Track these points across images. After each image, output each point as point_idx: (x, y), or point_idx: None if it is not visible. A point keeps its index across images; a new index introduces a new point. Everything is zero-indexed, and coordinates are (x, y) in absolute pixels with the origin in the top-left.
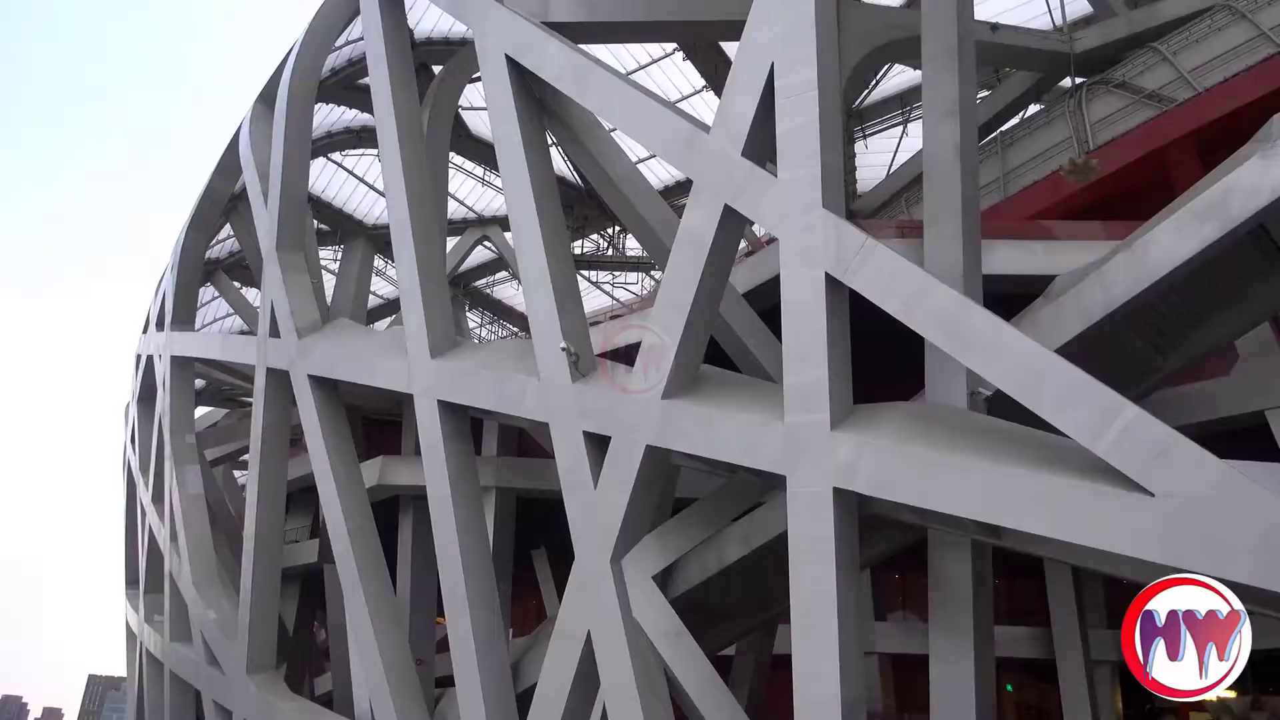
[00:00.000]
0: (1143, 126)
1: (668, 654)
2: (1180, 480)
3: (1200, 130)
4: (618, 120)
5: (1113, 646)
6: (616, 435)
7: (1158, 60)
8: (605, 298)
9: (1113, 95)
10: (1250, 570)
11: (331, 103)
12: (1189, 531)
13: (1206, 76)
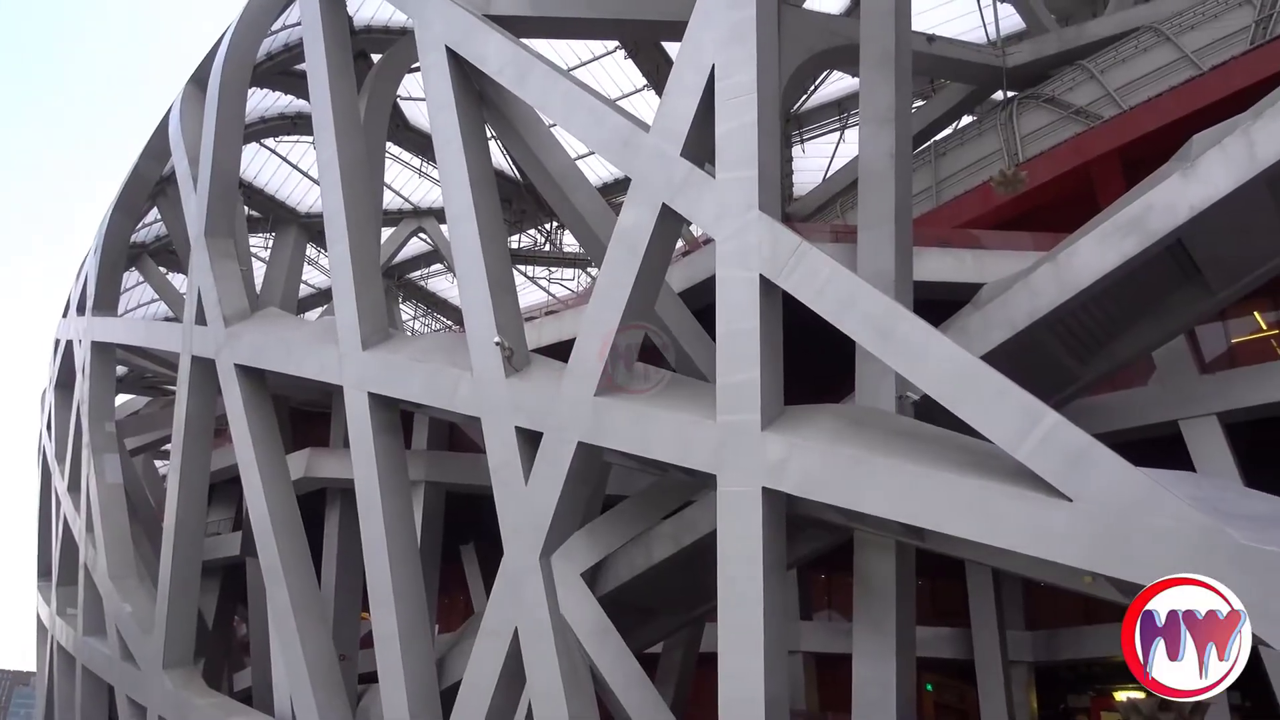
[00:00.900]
0: (1070, 141)
1: (594, 651)
2: (1097, 486)
3: (1124, 147)
4: (557, 116)
5: (1029, 647)
6: (549, 431)
7: (1086, 78)
8: (541, 293)
9: (1042, 110)
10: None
11: (266, 88)
12: (1104, 536)
13: (1132, 95)
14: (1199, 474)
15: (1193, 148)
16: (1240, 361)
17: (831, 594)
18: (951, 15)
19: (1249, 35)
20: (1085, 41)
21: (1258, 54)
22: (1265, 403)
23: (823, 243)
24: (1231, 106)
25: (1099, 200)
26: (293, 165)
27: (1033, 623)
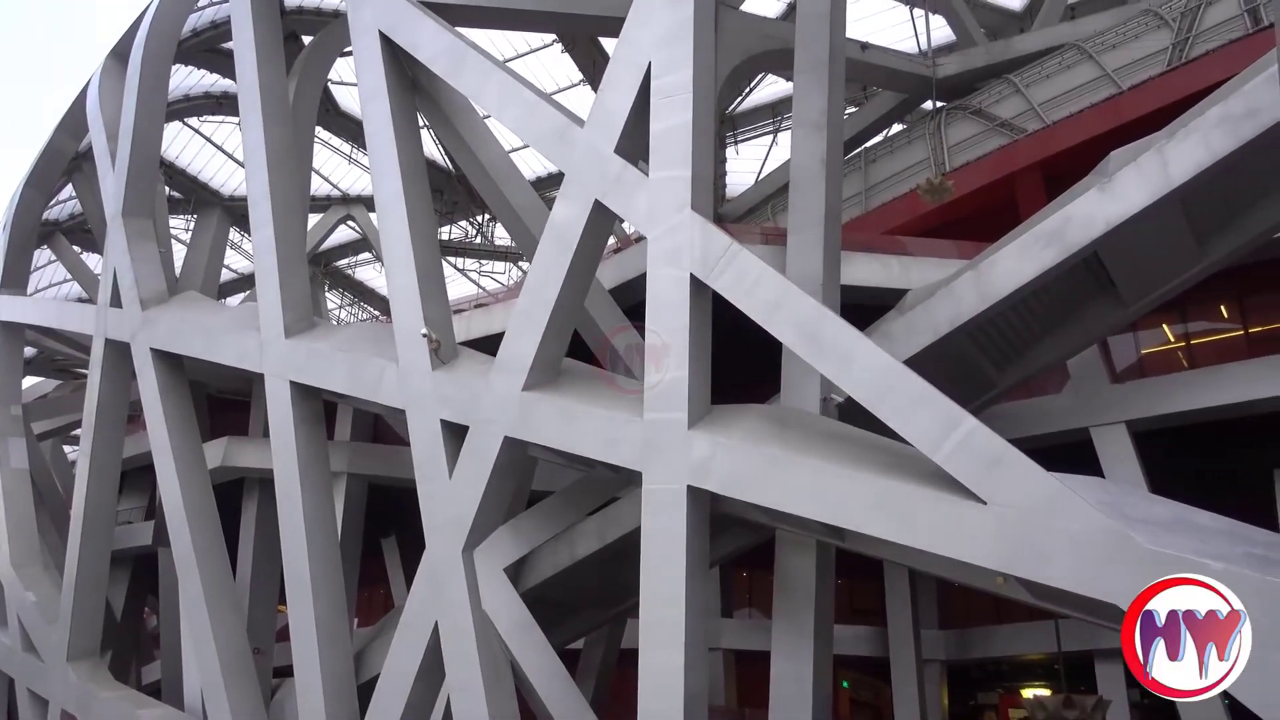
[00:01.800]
0: (995, 153)
1: (516, 647)
2: (1011, 490)
3: (1046, 160)
4: (491, 107)
5: (942, 646)
6: (475, 425)
7: (1011, 91)
8: (471, 286)
9: (969, 121)
10: (1069, 576)
11: (191, 65)
12: (1016, 538)
13: (1055, 110)
14: (1107, 480)
15: (1110, 164)
16: (1149, 372)
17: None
18: (885, 25)
19: (1166, 57)
20: (1012, 56)
21: (1174, 75)
22: (1170, 412)
23: (753, 244)
24: (1148, 125)
25: (1021, 211)
26: (217, 146)
27: (946, 622)
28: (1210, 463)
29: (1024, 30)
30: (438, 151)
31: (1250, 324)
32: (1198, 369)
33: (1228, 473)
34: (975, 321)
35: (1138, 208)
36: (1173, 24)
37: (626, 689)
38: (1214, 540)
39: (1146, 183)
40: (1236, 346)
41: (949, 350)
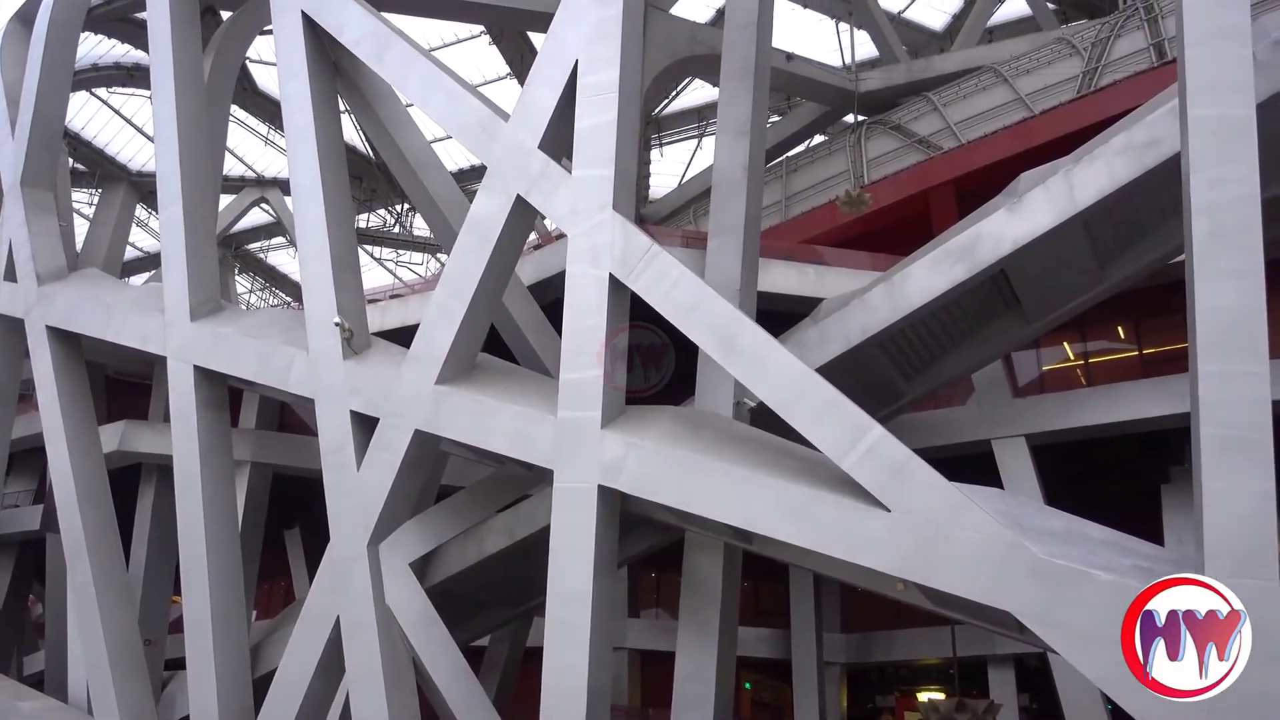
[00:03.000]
0: (911, 168)
1: (418, 643)
2: (914, 498)
3: (960, 178)
4: (415, 96)
5: (844, 649)
6: (385, 417)
7: (930, 109)
8: (387, 276)
9: (889, 136)
10: (966, 584)
11: (101, 33)
12: (917, 546)
13: (970, 129)
14: (1006, 491)
15: (1020, 185)
16: (1049, 388)
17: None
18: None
19: (1077, 84)
20: (932, 75)
21: (1083, 103)
22: (1068, 427)
23: (673, 247)
24: (1058, 149)
25: (934, 227)
26: (126, 119)
27: (848, 625)
28: (1103, 477)
29: (944, 50)
30: (358, 137)
31: (1145, 345)
32: (1094, 387)
33: (1119, 487)
34: (886, 332)
35: (1044, 228)
36: (1084, 53)
37: (530, 687)
38: (1103, 552)
39: (1053, 205)
40: (1131, 366)
41: (860, 360)
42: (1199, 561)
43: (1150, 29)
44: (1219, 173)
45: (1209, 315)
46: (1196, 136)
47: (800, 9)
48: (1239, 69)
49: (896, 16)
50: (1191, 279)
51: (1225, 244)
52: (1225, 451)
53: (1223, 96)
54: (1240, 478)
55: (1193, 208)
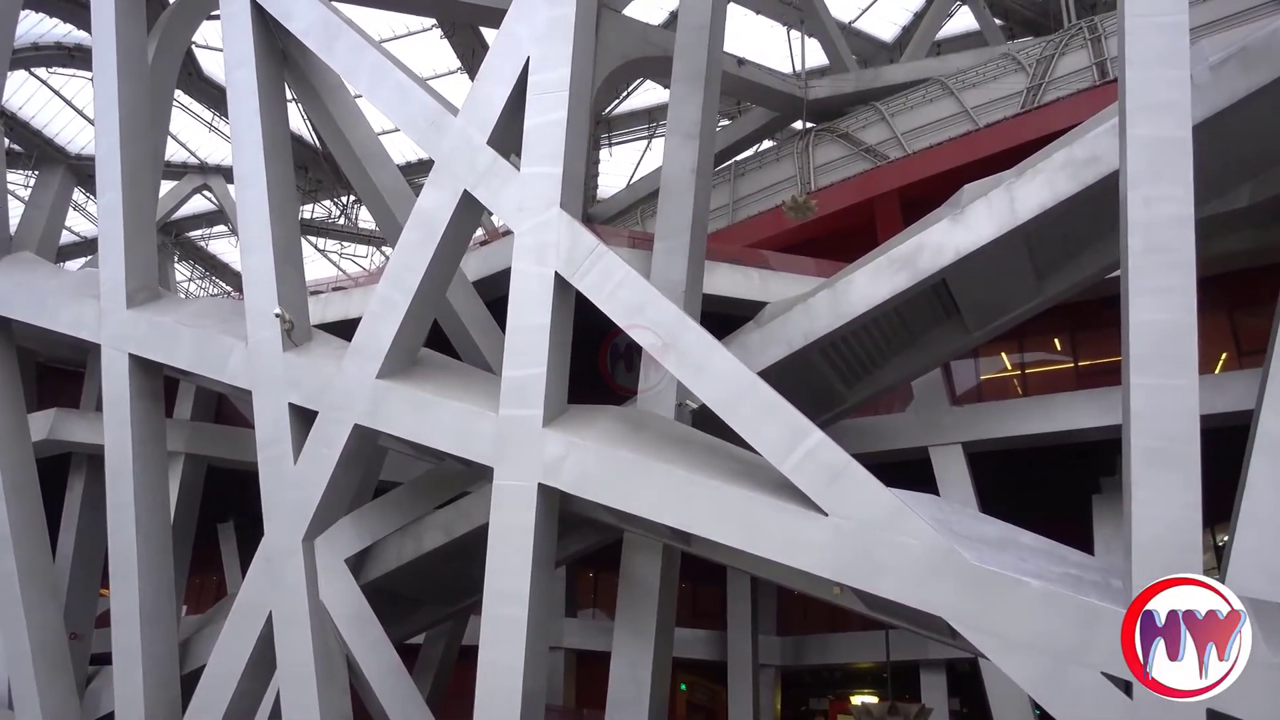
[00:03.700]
0: (858, 177)
1: (352, 639)
2: (851, 503)
3: (904, 188)
4: (364, 87)
5: (779, 652)
6: (324, 411)
7: (877, 118)
8: (331, 268)
9: (836, 144)
10: (900, 588)
11: (42, 11)
12: (854, 550)
13: (916, 140)
14: (942, 497)
15: (963, 196)
16: (986, 397)
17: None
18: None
19: (1021, 99)
20: (880, 85)
21: (1026, 118)
22: (1003, 436)
23: (620, 247)
24: (1001, 162)
25: (879, 234)
26: (66, 100)
27: (784, 628)
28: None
29: (893, 61)
30: (305, 127)
31: (1080, 357)
32: (1030, 397)
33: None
34: (829, 338)
35: (985, 240)
36: (1029, 69)
37: (465, 686)
38: (1035, 559)
39: (994, 217)
40: (1066, 378)
41: (802, 364)
42: (1127, 570)
43: (1093, 48)
44: (1155, 191)
45: (1141, 329)
46: (1134, 155)
47: (753, 15)
48: (1177, 91)
49: (847, 26)
50: (1126, 294)
51: (1159, 261)
52: (1154, 463)
53: (1161, 117)
54: (1167, 489)
55: (1129, 224)
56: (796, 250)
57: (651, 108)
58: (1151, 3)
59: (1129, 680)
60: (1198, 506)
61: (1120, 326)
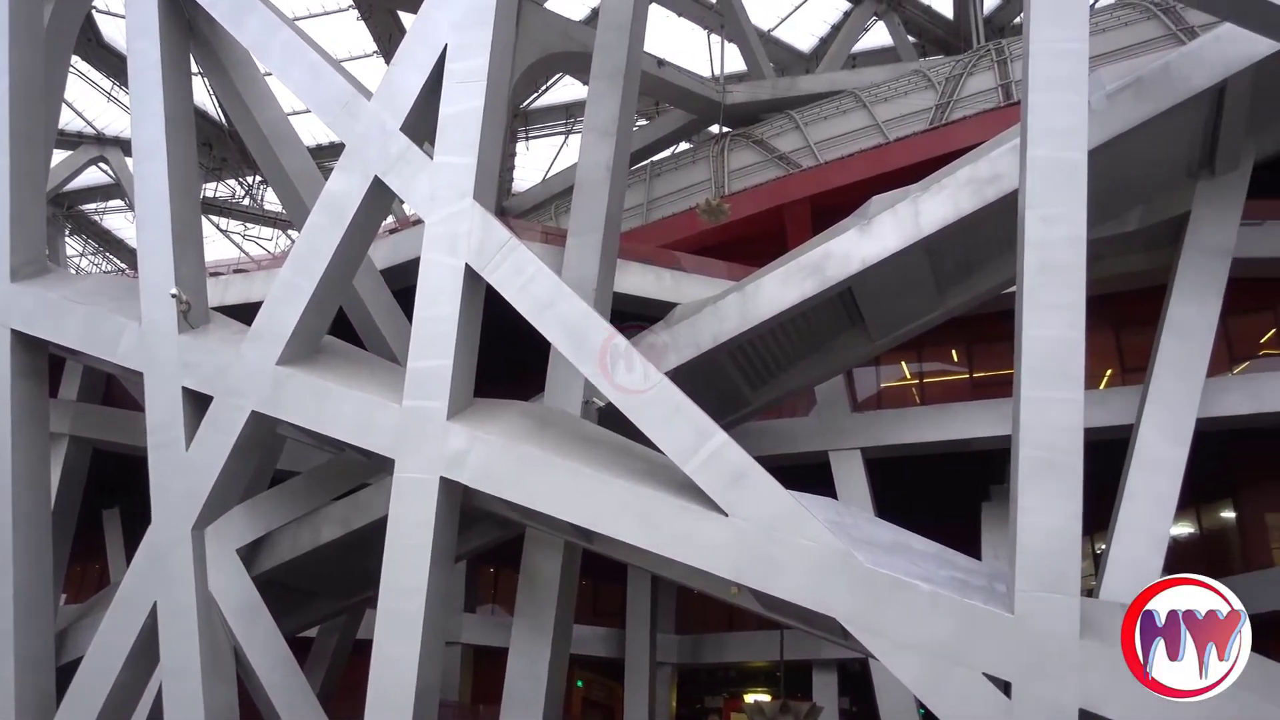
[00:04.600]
0: (770, 183)
1: (241, 632)
2: (751, 505)
3: (816, 196)
4: (274, 65)
5: (676, 650)
6: (220, 396)
7: (792, 127)
8: (233, 249)
9: (751, 149)
10: (796, 589)
11: None
12: (752, 551)
13: (829, 150)
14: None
15: (871, 208)
16: (885, 404)
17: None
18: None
19: (930, 116)
20: (796, 94)
21: (934, 134)
22: (900, 443)
23: (533, 242)
24: (909, 176)
25: (789, 241)
26: None
27: (682, 627)
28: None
29: (809, 71)
30: (211, 103)
31: (975, 369)
32: (927, 405)
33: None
34: (736, 341)
35: (890, 251)
36: (938, 87)
37: (358, 681)
38: (925, 563)
39: (900, 229)
40: (962, 388)
41: (709, 366)
42: (1011, 576)
43: (999, 70)
44: (1051, 211)
45: (1034, 344)
46: (1033, 175)
47: (674, 17)
48: (1075, 115)
49: (766, 34)
50: (1020, 309)
51: (1053, 278)
52: (1040, 472)
53: (1059, 140)
54: (1052, 498)
55: (1025, 242)
56: (708, 253)
57: (570, 103)
58: (1054, 30)
59: (1008, 681)
60: (1079, 517)
61: (1014, 340)
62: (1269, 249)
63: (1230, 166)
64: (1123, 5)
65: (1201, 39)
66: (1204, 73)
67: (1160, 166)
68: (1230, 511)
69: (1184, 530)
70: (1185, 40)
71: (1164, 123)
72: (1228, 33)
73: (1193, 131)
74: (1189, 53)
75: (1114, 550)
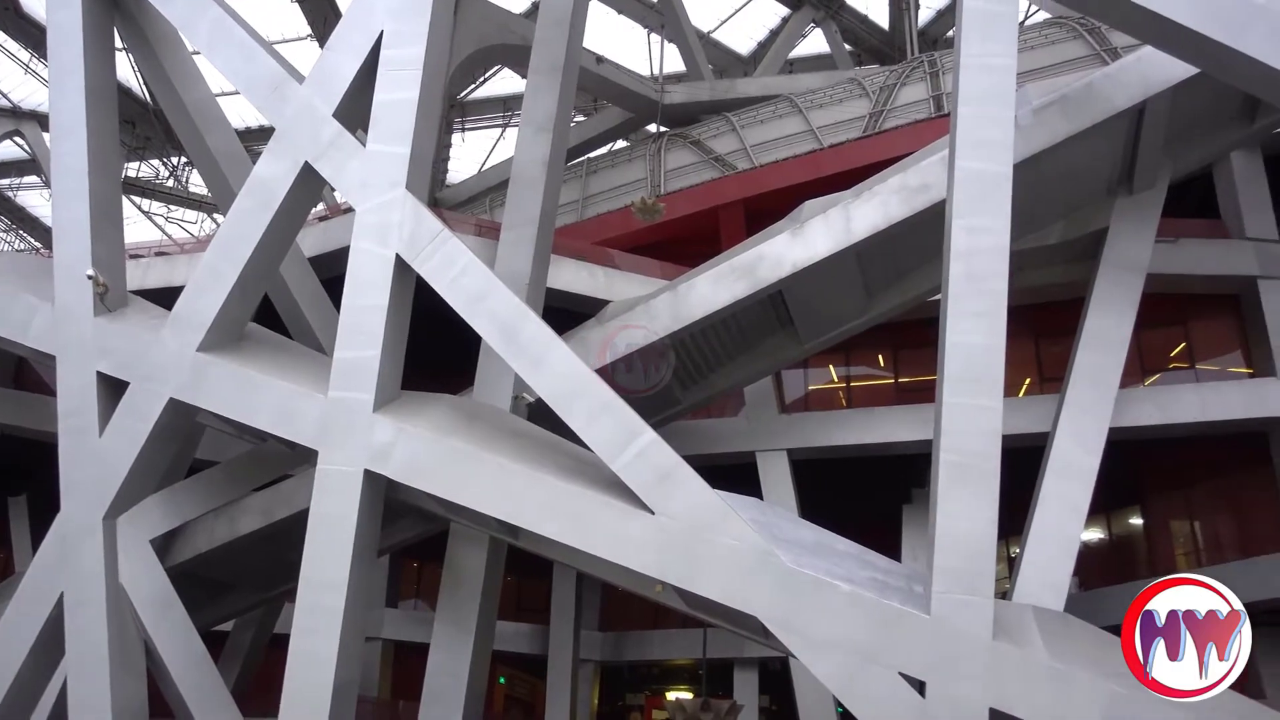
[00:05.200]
0: (706, 184)
1: (152, 625)
2: (677, 503)
3: (750, 199)
4: (202, 44)
5: (599, 647)
6: (137, 382)
7: (728, 129)
8: (155, 231)
9: (688, 150)
10: (719, 588)
11: None
12: (677, 549)
13: (764, 154)
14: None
15: (804, 212)
16: (812, 406)
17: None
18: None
19: (864, 124)
20: (734, 96)
21: (867, 142)
22: (826, 445)
23: (466, 234)
24: (841, 182)
25: (723, 242)
26: None
27: (606, 624)
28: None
29: (747, 74)
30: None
31: (900, 374)
32: (853, 409)
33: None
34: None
35: (821, 255)
36: (872, 95)
37: (275, 676)
38: (846, 564)
39: (831, 234)
40: (887, 392)
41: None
42: (928, 577)
43: (932, 82)
44: (977, 221)
45: (956, 351)
46: (960, 186)
47: (615, 14)
48: (1002, 129)
49: (706, 36)
50: (945, 316)
51: (976, 287)
52: (958, 476)
53: (986, 152)
54: (969, 502)
55: (951, 251)
56: (642, 251)
57: (507, 96)
58: (984, 45)
59: (923, 680)
60: (995, 521)
61: (938, 347)
62: (1181, 266)
63: (1147, 185)
64: (1050, 24)
65: (1123, 60)
66: (1125, 93)
67: (1082, 182)
68: (1138, 518)
69: (1094, 536)
70: (1109, 61)
71: (1086, 140)
72: (1149, 55)
73: (1113, 149)
74: (1111, 73)
75: (1027, 554)
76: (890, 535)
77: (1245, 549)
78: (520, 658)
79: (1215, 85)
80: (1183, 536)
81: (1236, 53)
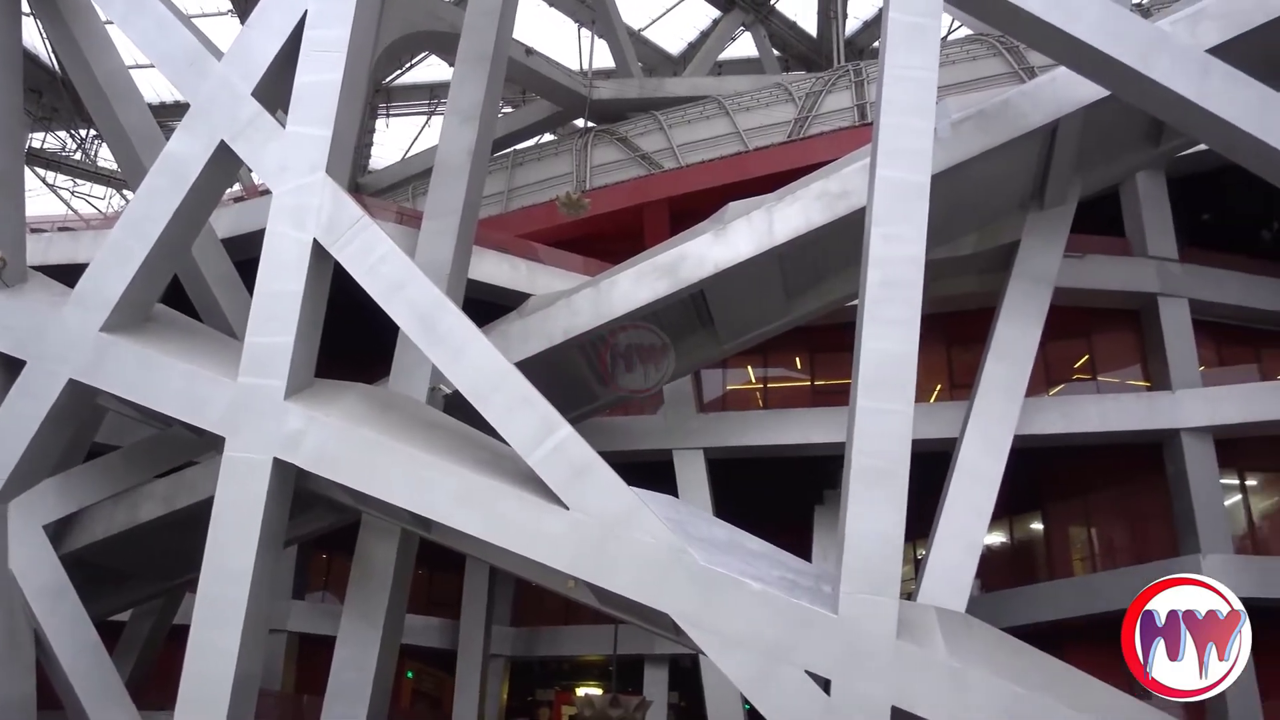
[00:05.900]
0: (631, 181)
1: (43, 614)
2: (592, 499)
3: (675, 198)
4: (115, 14)
5: (510, 642)
6: (34, 361)
7: (655, 128)
8: (60, 205)
9: (614, 146)
10: (631, 585)
11: None
12: (590, 545)
13: (690, 154)
14: (680, 499)
15: (728, 213)
16: (729, 406)
17: (330, 574)
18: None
19: (789, 129)
20: (662, 95)
21: (792, 147)
22: (742, 445)
23: (386, 222)
24: (765, 185)
25: (646, 240)
26: None
27: (517, 620)
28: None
29: (676, 74)
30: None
31: (816, 377)
32: (769, 410)
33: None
34: (588, 336)
35: (743, 257)
36: (798, 101)
37: (173, 668)
38: (757, 563)
39: (754, 236)
40: (802, 394)
41: (559, 359)
42: (837, 577)
43: (856, 91)
44: (895, 230)
45: (871, 355)
46: (880, 195)
47: (546, 7)
48: (921, 140)
49: (636, 33)
50: (861, 322)
51: (892, 294)
52: (869, 479)
53: (906, 162)
54: (879, 505)
55: (869, 258)
56: (566, 246)
57: (434, 83)
58: (907, 56)
59: (829, 679)
60: (902, 524)
61: (853, 351)
62: (1087, 281)
63: (1058, 201)
64: (971, 40)
65: (1039, 79)
66: (1040, 111)
67: (996, 195)
68: (1038, 524)
69: (997, 539)
70: (1026, 79)
71: (1001, 154)
72: (1063, 76)
73: (1027, 165)
74: (1027, 91)
75: (932, 556)
76: (802, 535)
77: (1139, 555)
78: (430, 652)
79: (1124, 107)
80: (1080, 542)
81: (1143, 77)
